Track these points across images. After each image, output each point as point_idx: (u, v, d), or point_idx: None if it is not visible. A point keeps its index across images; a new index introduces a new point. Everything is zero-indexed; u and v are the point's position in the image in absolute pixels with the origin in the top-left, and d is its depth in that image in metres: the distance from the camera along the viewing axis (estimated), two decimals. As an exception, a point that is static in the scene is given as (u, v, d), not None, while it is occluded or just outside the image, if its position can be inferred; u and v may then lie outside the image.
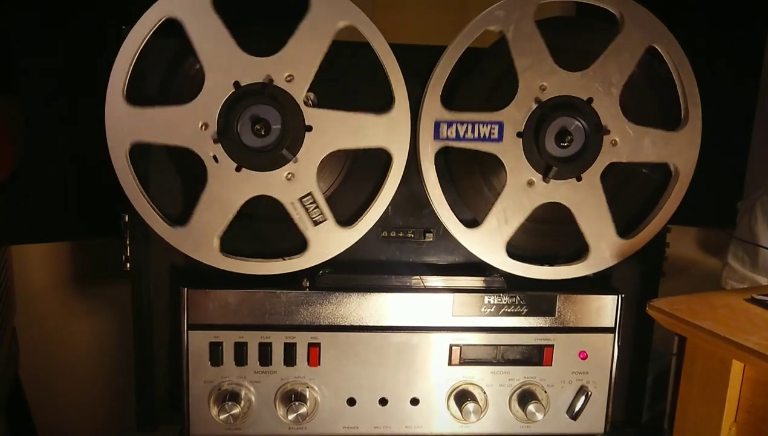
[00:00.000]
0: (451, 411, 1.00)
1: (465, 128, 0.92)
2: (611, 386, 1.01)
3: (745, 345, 0.72)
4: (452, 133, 0.92)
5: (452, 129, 0.92)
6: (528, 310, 0.98)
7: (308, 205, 0.91)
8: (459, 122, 0.92)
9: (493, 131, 0.92)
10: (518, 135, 0.92)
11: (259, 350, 0.95)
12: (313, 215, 0.91)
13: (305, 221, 0.92)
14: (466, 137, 0.92)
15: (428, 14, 1.46)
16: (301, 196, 0.91)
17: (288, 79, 0.87)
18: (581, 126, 0.92)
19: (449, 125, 0.92)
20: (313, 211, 0.91)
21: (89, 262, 1.40)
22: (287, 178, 0.90)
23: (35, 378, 1.39)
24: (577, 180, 0.94)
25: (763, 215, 1.23)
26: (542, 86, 0.91)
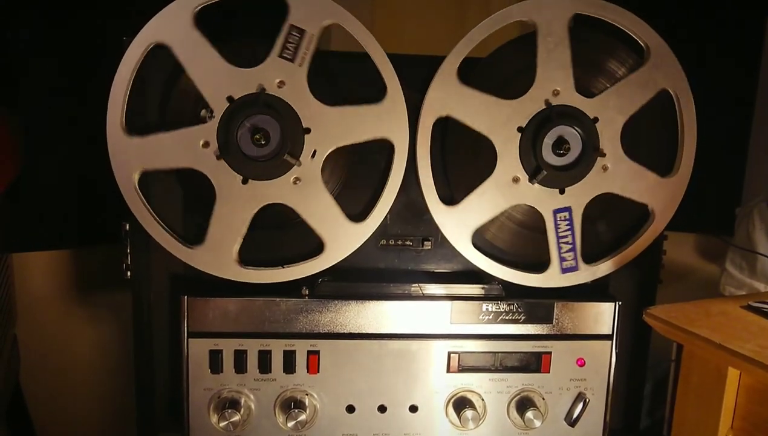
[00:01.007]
0: (450, 418, 1.00)
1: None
2: (609, 392, 1.02)
3: (740, 353, 0.73)
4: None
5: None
6: (526, 317, 0.99)
7: (291, 39, 0.89)
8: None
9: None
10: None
11: (259, 357, 0.96)
12: (285, 51, 0.89)
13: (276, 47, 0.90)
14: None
15: (427, 24, 1.47)
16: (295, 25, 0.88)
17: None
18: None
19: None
20: (288, 45, 0.89)
21: (89, 270, 1.41)
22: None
23: (36, 385, 1.39)
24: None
25: (761, 222, 1.23)
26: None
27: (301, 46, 0.88)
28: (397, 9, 1.46)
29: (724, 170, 1.36)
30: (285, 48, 0.88)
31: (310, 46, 0.88)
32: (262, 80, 0.88)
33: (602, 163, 0.94)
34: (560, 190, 0.95)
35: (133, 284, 0.98)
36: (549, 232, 0.96)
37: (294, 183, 0.91)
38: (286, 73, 0.88)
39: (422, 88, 0.92)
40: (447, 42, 0.93)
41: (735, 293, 1.28)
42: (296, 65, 0.88)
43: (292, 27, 0.87)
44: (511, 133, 0.93)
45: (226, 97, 0.88)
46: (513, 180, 0.94)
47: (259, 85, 0.88)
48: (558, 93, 0.92)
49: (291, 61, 0.88)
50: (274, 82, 0.88)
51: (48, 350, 1.41)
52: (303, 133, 0.89)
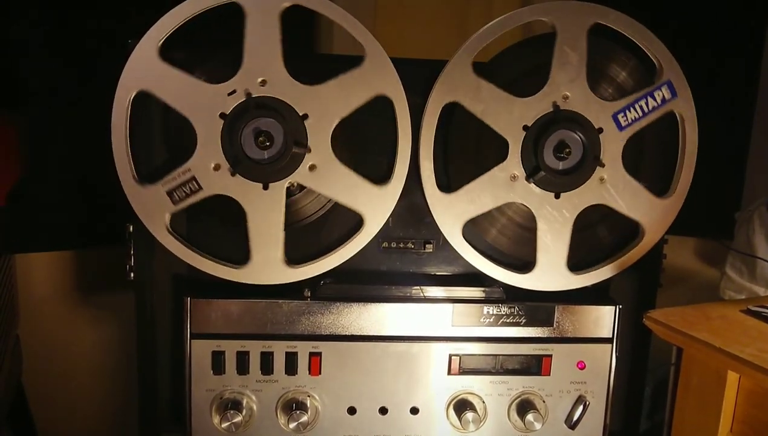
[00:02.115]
0: (451, 420, 1.01)
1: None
2: (609, 395, 1.02)
3: (740, 356, 0.73)
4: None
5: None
6: (527, 320, 0.99)
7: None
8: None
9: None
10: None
11: (261, 359, 0.96)
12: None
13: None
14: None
15: (429, 28, 1.47)
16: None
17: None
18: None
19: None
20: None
21: (92, 271, 1.41)
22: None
23: (38, 386, 1.39)
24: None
25: (761, 226, 1.24)
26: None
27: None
28: (399, 14, 1.47)
29: (724, 175, 1.36)
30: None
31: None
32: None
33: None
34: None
35: (136, 285, 0.98)
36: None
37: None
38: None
39: (424, 91, 0.93)
40: (448, 46, 0.94)
41: (735, 296, 1.28)
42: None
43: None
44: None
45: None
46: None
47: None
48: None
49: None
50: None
51: (50, 350, 1.42)
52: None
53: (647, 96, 0.94)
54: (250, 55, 0.88)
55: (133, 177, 0.90)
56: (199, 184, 0.90)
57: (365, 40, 0.90)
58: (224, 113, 0.88)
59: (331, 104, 0.90)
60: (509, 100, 0.93)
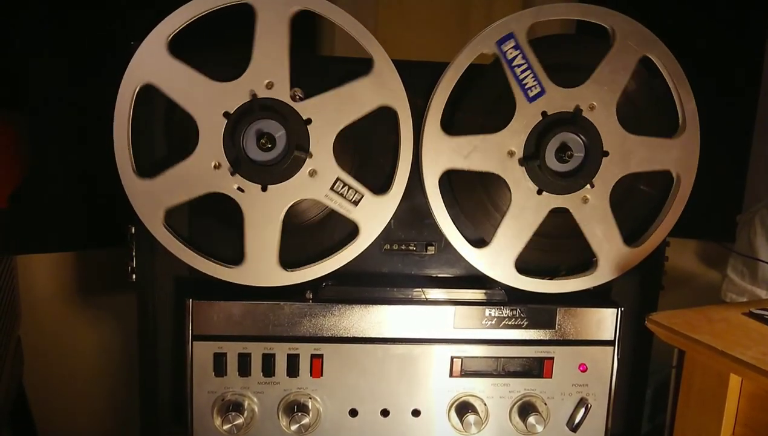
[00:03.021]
0: (452, 423, 1.01)
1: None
2: (611, 398, 1.02)
3: (742, 359, 0.73)
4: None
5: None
6: (528, 322, 0.99)
7: (341, 190, 0.92)
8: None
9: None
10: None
11: (263, 360, 0.96)
12: (349, 197, 0.92)
13: (345, 205, 0.92)
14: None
15: (430, 31, 1.47)
16: (330, 185, 0.91)
17: (269, 87, 0.89)
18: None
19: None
20: (348, 193, 0.92)
21: (94, 272, 1.41)
22: (310, 175, 0.91)
23: (39, 387, 1.39)
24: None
25: (762, 229, 1.24)
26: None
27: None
28: (400, 15, 1.47)
29: (726, 177, 1.36)
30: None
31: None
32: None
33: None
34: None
35: (137, 286, 0.99)
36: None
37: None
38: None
39: (426, 93, 0.93)
40: (449, 49, 0.94)
41: (736, 299, 1.28)
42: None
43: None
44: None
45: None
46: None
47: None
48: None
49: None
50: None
51: (52, 351, 1.42)
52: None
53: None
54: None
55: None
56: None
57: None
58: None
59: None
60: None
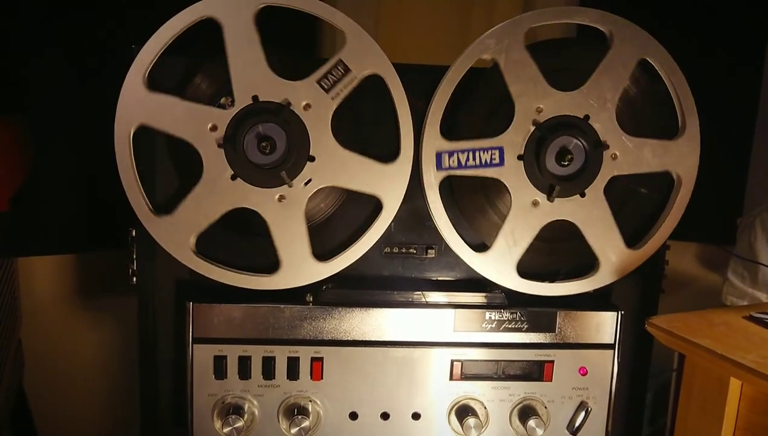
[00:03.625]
0: (452, 426, 1.01)
1: (466, 156, 0.93)
2: (611, 401, 1.02)
3: (742, 363, 0.73)
4: (454, 163, 0.93)
5: (453, 158, 0.93)
6: (528, 326, 0.99)
7: (334, 78, 0.90)
8: (460, 151, 0.93)
9: (494, 157, 0.93)
10: (519, 158, 0.93)
11: (263, 363, 0.96)
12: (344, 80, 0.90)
13: (345, 86, 0.90)
14: (468, 165, 0.93)
15: (431, 34, 1.48)
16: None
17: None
18: (580, 144, 0.93)
19: (450, 155, 0.93)
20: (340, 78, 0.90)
21: (94, 275, 1.41)
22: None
23: (40, 390, 1.39)
24: (581, 196, 0.95)
25: (763, 232, 1.24)
26: (538, 108, 0.92)
27: (341, 81, 0.89)
28: (401, 19, 1.47)
29: (726, 180, 1.36)
30: (326, 77, 0.89)
31: (348, 86, 0.89)
32: (292, 96, 0.89)
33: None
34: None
35: (138, 289, 0.99)
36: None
37: (278, 200, 0.91)
38: (316, 100, 0.89)
39: (426, 96, 0.93)
40: (449, 52, 0.94)
41: (737, 302, 1.28)
42: (329, 97, 0.89)
43: (340, 61, 0.89)
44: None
45: (252, 95, 0.88)
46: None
47: (285, 99, 0.88)
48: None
49: (326, 91, 0.89)
50: (302, 103, 0.89)
51: (52, 354, 1.42)
52: (307, 159, 0.90)
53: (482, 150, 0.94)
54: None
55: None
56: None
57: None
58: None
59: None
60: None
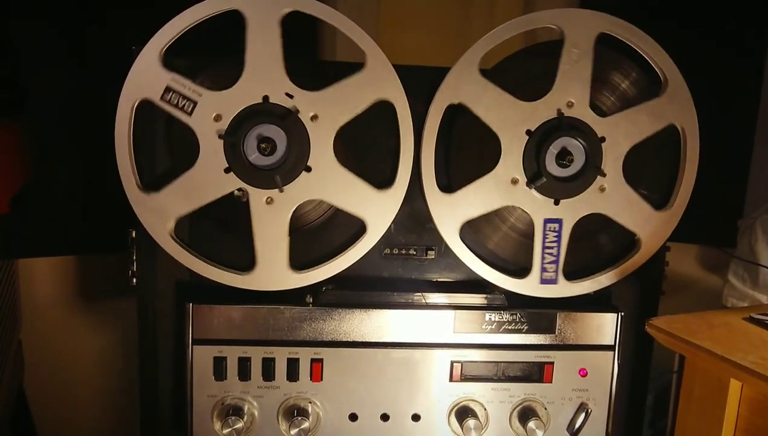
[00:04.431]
0: (452, 427, 1.01)
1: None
2: (611, 403, 1.02)
3: (742, 364, 0.73)
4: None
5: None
6: (528, 327, 0.99)
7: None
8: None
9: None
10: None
11: (263, 365, 0.96)
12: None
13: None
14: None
15: (432, 35, 1.48)
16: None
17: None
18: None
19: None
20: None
21: (95, 276, 1.41)
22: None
23: (40, 391, 1.39)
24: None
25: (764, 234, 1.23)
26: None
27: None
28: (402, 20, 1.47)
29: (727, 182, 1.36)
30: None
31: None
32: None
33: (601, 183, 0.95)
34: (555, 200, 0.95)
35: (138, 290, 0.99)
36: (536, 239, 0.96)
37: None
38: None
39: (427, 98, 0.93)
40: (450, 53, 0.94)
41: (737, 304, 1.28)
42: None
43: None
44: (519, 135, 0.93)
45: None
46: (512, 181, 0.95)
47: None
48: (572, 105, 0.93)
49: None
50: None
51: (52, 355, 1.42)
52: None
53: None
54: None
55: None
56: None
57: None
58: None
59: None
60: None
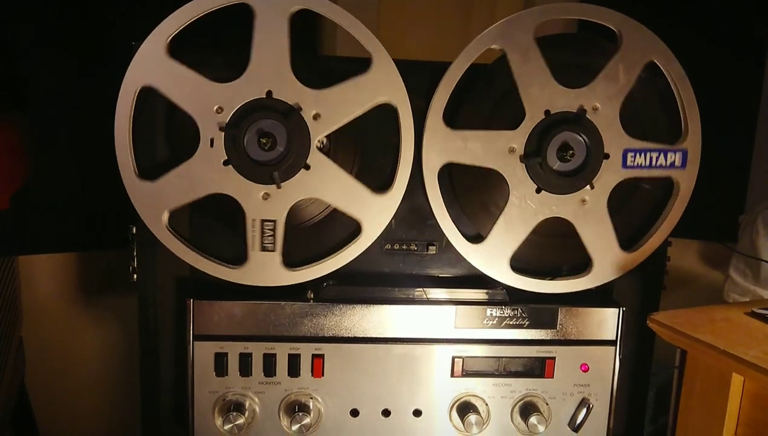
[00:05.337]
0: (454, 423, 1.01)
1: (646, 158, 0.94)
2: (613, 398, 1.02)
3: (744, 358, 0.73)
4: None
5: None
6: (530, 322, 0.99)
7: (266, 230, 0.91)
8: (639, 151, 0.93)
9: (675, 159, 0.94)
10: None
11: (264, 360, 0.96)
12: (265, 241, 0.91)
13: (255, 242, 0.92)
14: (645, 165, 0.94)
15: (432, 31, 1.47)
16: (264, 218, 0.91)
17: (315, 117, 0.89)
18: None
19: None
20: (267, 237, 0.91)
21: (95, 273, 1.41)
22: (263, 197, 0.91)
23: (41, 388, 1.40)
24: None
25: (765, 229, 1.23)
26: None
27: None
28: (402, 15, 1.47)
29: (728, 178, 1.36)
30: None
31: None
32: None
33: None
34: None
35: (139, 286, 0.99)
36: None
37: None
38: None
39: (428, 93, 0.93)
40: (452, 49, 0.94)
41: (739, 299, 1.28)
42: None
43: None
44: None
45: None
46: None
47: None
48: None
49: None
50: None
51: (53, 352, 1.42)
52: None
53: (661, 152, 0.95)
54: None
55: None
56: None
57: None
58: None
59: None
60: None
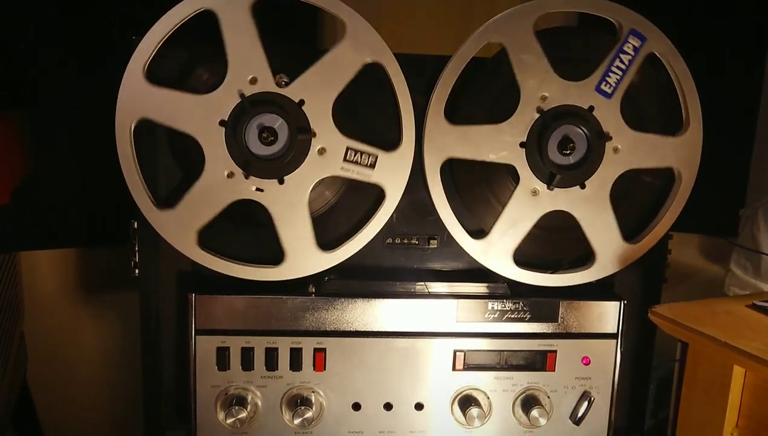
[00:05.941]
0: (455, 416, 1.01)
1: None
2: (614, 391, 1.02)
3: (746, 351, 0.73)
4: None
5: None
6: (531, 316, 0.99)
7: (355, 158, 0.91)
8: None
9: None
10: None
11: (266, 355, 0.96)
12: (365, 162, 0.91)
13: (364, 171, 0.91)
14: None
15: (433, 25, 1.47)
16: (343, 157, 0.91)
17: (253, 82, 0.88)
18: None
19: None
20: (362, 158, 0.91)
21: (97, 268, 1.41)
22: (320, 154, 0.90)
23: (43, 384, 1.40)
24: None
25: (766, 223, 1.23)
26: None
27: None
28: (402, 10, 1.47)
29: (729, 171, 1.36)
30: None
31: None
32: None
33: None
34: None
35: (140, 281, 0.99)
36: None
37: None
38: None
39: (428, 87, 0.93)
40: (452, 42, 0.93)
41: (740, 293, 1.28)
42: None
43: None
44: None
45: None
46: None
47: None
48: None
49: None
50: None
51: (55, 347, 1.42)
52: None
53: (618, 54, 0.93)
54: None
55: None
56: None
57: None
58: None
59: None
60: (496, 130, 0.92)
